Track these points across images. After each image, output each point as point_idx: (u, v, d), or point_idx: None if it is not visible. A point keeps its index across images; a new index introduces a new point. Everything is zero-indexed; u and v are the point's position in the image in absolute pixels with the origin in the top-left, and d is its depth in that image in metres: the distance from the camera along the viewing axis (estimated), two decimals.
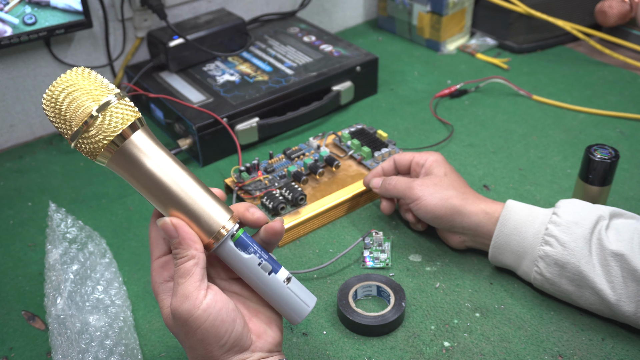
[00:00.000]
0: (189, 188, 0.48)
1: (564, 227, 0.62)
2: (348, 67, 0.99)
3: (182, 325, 0.47)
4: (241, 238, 0.50)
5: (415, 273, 0.70)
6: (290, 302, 0.51)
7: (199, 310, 0.46)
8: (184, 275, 0.47)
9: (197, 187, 0.49)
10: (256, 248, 0.50)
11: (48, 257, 0.68)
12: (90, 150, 0.46)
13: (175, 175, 0.48)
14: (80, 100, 0.44)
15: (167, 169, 0.48)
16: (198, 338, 0.47)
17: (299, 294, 0.51)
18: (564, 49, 1.18)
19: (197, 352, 0.48)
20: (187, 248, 0.47)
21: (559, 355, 0.61)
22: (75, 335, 0.59)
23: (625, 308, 0.59)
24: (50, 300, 0.64)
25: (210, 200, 0.49)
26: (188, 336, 0.47)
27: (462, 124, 0.97)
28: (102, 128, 0.45)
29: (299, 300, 0.51)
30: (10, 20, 0.85)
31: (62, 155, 0.94)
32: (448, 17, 1.15)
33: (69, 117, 0.45)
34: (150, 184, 0.47)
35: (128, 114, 0.46)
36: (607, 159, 0.70)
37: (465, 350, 0.61)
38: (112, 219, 0.80)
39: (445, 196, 0.68)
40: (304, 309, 0.51)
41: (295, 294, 0.51)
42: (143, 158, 0.47)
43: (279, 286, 0.50)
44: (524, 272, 0.66)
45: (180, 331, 0.48)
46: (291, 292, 0.51)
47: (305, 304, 0.52)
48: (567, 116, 0.98)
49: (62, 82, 0.45)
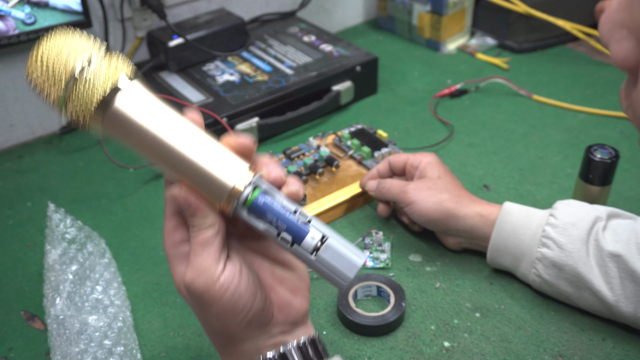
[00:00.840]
0: (193, 147, 0.42)
1: (561, 229, 0.62)
2: (348, 67, 0.99)
3: (196, 299, 0.43)
4: (255, 203, 0.42)
5: (415, 273, 0.70)
6: (324, 271, 0.43)
7: (216, 286, 0.42)
8: (202, 246, 0.43)
9: (203, 145, 0.42)
10: (276, 211, 0.42)
11: (47, 258, 0.68)
12: (82, 111, 0.42)
13: (176, 132, 0.42)
14: (66, 56, 0.41)
15: (166, 125, 0.42)
16: (213, 313, 0.43)
17: (334, 261, 0.43)
18: (564, 49, 1.18)
19: (212, 326, 0.45)
20: (204, 217, 0.43)
21: (559, 356, 0.60)
22: (74, 335, 0.59)
23: (624, 309, 0.59)
24: (49, 300, 0.64)
25: (219, 158, 0.42)
26: (203, 310, 0.44)
27: (462, 124, 0.97)
28: (93, 83, 0.41)
29: (335, 268, 0.43)
30: (16, 16, 0.85)
31: (62, 156, 0.94)
32: (448, 17, 1.15)
33: (56, 76, 0.42)
34: (151, 144, 0.42)
35: (119, 66, 0.42)
36: (607, 158, 0.69)
37: (466, 351, 0.61)
38: (112, 219, 0.80)
39: (439, 200, 0.68)
40: (343, 275, 0.43)
41: (328, 263, 0.42)
42: (139, 115, 0.41)
43: (306, 259, 0.43)
44: (523, 274, 0.66)
45: (195, 304, 0.44)
46: (321, 265, 0.43)
47: (346, 268, 0.43)
48: (567, 116, 0.98)
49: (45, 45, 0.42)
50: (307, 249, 0.42)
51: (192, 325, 0.65)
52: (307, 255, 0.42)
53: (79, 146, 0.95)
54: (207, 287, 0.42)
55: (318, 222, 0.43)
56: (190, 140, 0.42)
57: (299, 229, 0.42)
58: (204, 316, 0.45)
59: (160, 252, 0.75)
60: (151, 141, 0.41)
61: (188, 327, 0.65)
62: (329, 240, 0.42)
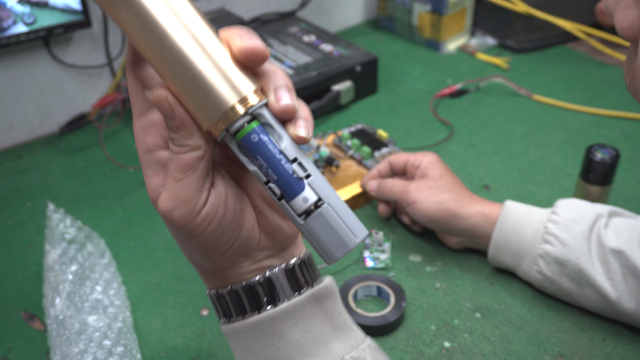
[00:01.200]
0: (195, 44, 0.33)
1: (563, 225, 0.62)
2: (348, 66, 0.99)
3: (173, 229, 0.38)
4: (247, 139, 0.35)
5: (416, 273, 0.70)
6: (310, 240, 0.36)
7: (197, 220, 0.36)
8: (183, 170, 0.35)
9: (207, 45, 0.34)
10: (269, 156, 0.35)
11: (47, 258, 0.68)
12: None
13: (180, 19, 0.33)
14: None
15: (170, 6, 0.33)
16: (192, 245, 0.38)
17: (324, 233, 0.36)
18: (565, 49, 1.18)
19: (191, 255, 0.40)
20: (189, 136, 0.35)
21: (559, 356, 0.60)
22: (74, 335, 0.59)
23: (626, 305, 0.59)
24: (49, 300, 0.64)
25: (222, 67, 0.34)
26: (180, 239, 0.39)
27: (462, 124, 0.96)
28: None
29: (323, 241, 0.36)
30: (13, 9, 0.85)
31: (61, 156, 0.93)
32: (448, 16, 1.15)
33: None
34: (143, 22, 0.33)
35: None
36: (607, 159, 0.69)
37: (466, 351, 0.61)
38: (112, 219, 0.80)
39: (440, 199, 0.68)
40: (330, 252, 0.36)
41: (316, 234, 0.36)
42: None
43: (293, 219, 0.36)
44: (524, 272, 0.66)
45: (171, 230, 0.38)
46: (308, 233, 0.36)
47: (335, 245, 0.36)
48: (567, 116, 0.98)
49: None
50: (296, 210, 0.36)
51: (192, 325, 0.65)
52: (295, 216, 0.36)
53: (78, 146, 0.95)
54: (186, 220, 0.36)
55: (320, 181, 0.36)
56: (193, 34, 0.33)
57: (291, 185, 0.35)
58: (182, 244, 0.39)
59: (160, 252, 0.75)
60: (144, 18, 0.33)
61: (188, 327, 0.65)
62: (324, 207, 0.35)
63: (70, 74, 0.98)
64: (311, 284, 0.41)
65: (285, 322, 0.40)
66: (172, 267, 0.72)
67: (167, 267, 0.72)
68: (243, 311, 0.41)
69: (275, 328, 0.40)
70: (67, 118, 1.00)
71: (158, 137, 0.37)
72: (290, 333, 0.40)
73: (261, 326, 0.40)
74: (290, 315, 0.40)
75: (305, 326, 0.40)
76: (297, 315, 0.40)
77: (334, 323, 0.42)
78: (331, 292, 0.42)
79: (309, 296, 0.41)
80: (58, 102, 0.98)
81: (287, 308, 0.40)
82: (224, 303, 0.41)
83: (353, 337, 0.42)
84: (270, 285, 0.40)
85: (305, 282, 0.41)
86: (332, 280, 0.43)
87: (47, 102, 0.98)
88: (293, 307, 0.40)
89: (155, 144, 0.37)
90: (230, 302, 0.41)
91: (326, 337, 0.41)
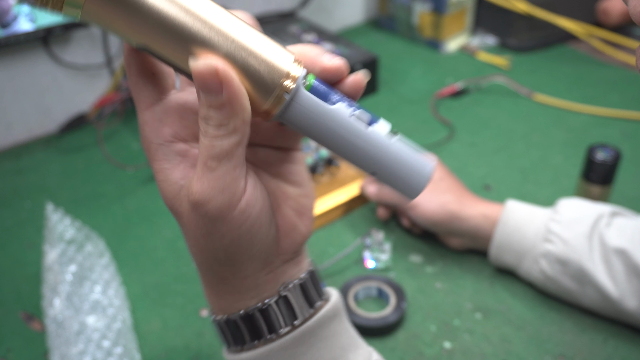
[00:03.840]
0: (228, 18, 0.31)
1: (565, 225, 0.62)
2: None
3: (205, 224, 0.33)
4: (316, 84, 0.33)
5: (416, 273, 0.70)
6: (404, 162, 0.34)
7: (236, 211, 0.33)
8: (219, 157, 0.31)
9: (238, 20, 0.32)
10: (340, 94, 0.34)
11: (46, 258, 0.67)
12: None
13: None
14: None
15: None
16: (224, 243, 0.34)
17: (412, 152, 0.34)
18: (566, 49, 1.18)
19: (214, 255, 0.35)
20: (233, 115, 0.31)
21: (560, 356, 0.60)
22: (73, 336, 0.59)
23: (628, 304, 0.59)
24: (47, 301, 0.64)
25: (261, 36, 0.32)
26: (208, 236, 0.34)
27: (463, 124, 0.96)
28: None
29: (415, 158, 0.34)
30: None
31: (60, 155, 0.93)
32: (449, 16, 1.14)
33: None
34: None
35: None
36: (608, 159, 0.69)
37: (466, 351, 0.61)
38: (111, 219, 0.80)
39: (442, 202, 0.68)
40: (423, 172, 0.34)
41: (402, 158, 0.34)
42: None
43: (385, 142, 0.33)
44: (526, 271, 0.65)
45: (197, 227, 0.34)
46: (403, 148, 0.34)
47: (423, 164, 0.34)
48: (568, 116, 0.98)
49: None
50: (385, 131, 0.33)
51: (191, 325, 0.65)
52: (385, 139, 0.33)
53: (77, 146, 0.95)
54: (223, 213, 0.32)
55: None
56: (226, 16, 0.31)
57: (371, 114, 0.34)
58: (207, 243, 0.34)
59: (159, 253, 0.74)
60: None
61: (187, 328, 0.64)
62: (399, 135, 0.34)
63: (69, 73, 0.98)
64: (320, 296, 0.40)
65: (298, 349, 0.38)
66: (172, 268, 0.72)
67: (166, 267, 0.72)
68: (258, 335, 0.38)
69: (287, 357, 0.38)
70: (66, 118, 0.99)
71: (176, 127, 0.34)
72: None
73: (273, 356, 0.38)
74: (303, 341, 0.38)
75: (317, 350, 0.38)
76: (309, 341, 0.38)
77: (342, 344, 0.40)
78: (339, 311, 0.40)
79: (320, 318, 0.38)
80: (57, 102, 0.98)
81: (300, 334, 0.38)
82: (234, 328, 0.38)
83: (361, 354, 0.41)
84: (286, 304, 0.38)
85: (317, 294, 0.40)
86: (339, 297, 0.41)
87: (46, 102, 0.97)
88: (306, 332, 0.38)
89: (173, 134, 0.34)
90: (245, 326, 0.38)
91: (337, 358, 0.39)
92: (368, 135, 0.33)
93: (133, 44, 0.31)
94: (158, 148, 0.34)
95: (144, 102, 0.34)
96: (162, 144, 0.34)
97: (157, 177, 0.35)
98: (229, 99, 0.30)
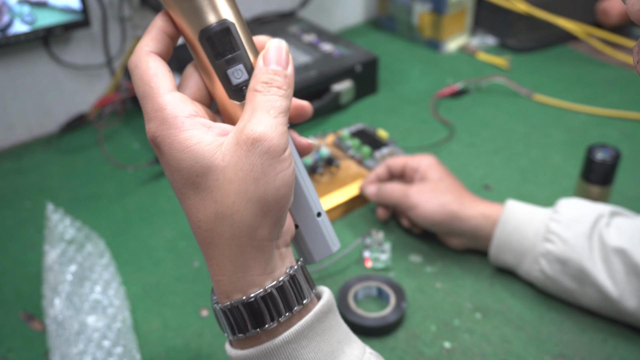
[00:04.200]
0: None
1: (565, 224, 0.62)
2: (348, 66, 0.99)
3: (263, 162, 0.37)
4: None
5: (416, 273, 0.70)
6: (311, 236, 0.44)
7: (286, 154, 0.38)
8: (280, 110, 0.38)
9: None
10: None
11: (46, 258, 0.68)
12: None
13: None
14: None
15: None
16: (276, 184, 0.37)
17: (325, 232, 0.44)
18: (565, 49, 1.18)
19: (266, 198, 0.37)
20: (289, 86, 0.39)
21: (560, 356, 0.60)
22: (73, 336, 0.59)
23: (628, 303, 0.59)
24: (48, 301, 0.64)
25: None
26: (263, 179, 0.37)
27: (462, 124, 0.96)
28: None
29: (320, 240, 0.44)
30: (13, 10, 0.85)
31: (61, 155, 0.93)
32: (448, 16, 1.15)
33: None
34: None
35: None
36: (608, 159, 0.69)
37: (466, 351, 0.61)
38: (111, 219, 0.80)
39: (442, 202, 0.68)
40: (329, 247, 0.44)
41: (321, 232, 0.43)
42: None
43: (311, 218, 0.43)
44: (526, 271, 0.66)
45: (252, 171, 0.37)
46: (314, 229, 0.43)
47: (333, 243, 0.44)
48: (568, 116, 0.98)
49: None
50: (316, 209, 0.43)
51: (191, 325, 0.65)
52: (314, 214, 0.43)
53: (78, 146, 0.95)
54: (281, 150, 0.37)
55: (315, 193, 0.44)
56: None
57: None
58: (259, 186, 0.37)
59: (159, 252, 0.74)
60: None
61: (187, 328, 0.64)
62: (324, 215, 0.44)
63: (69, 74, 0.98)
64: (313, 287, 0.42)
65: (299, 342, 0.39)
66: (172, 268, 0.72)
67: (166, 267, 0.72)
68: (275, 315, 0.39)
69: (290, 350, 0.39)
70: (67, 118, 0.99)
71: (195, 106, 0.39)
72: (304, 354, 0.39)
73: (277, 350, 0.39)
74: (303, 335, 0.39)
75: (317, 344, 0.40)
76: (309, 334, 0.40)
77: (338, 337, 0.41)
78: (333, 306, 0.42)
79: (318, 313, 0.40)
80: (57, 102, 0.98)
81: (301, 327, 0.39)
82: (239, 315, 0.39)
83: (355, 347, 0.42)
84: (297, 283, 0.40)
85: (313, 283, 0.42)
86: (331, 293, 0.43)
87: (47, 102, 0.97)
88: (306, 325, 0.39)
89: (195, 111, 0.38)
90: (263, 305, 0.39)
91: (335, 352, 0.40)
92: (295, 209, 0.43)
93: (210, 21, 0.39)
94: (185, 120, 0.37)
95: (166, 87, 0.38)
96: (188, 117, 0.38)
97: (187, 144, 0.37)
98: (291, 74, 0.39)
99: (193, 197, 0.38)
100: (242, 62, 0.39)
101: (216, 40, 0.39)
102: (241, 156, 0.37)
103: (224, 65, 0.39)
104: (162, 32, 0.40)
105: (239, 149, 0.37)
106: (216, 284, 0.40)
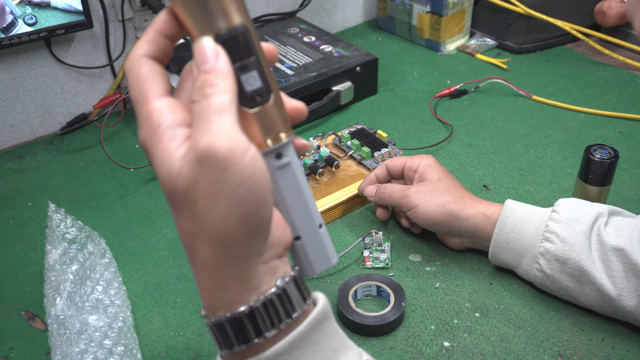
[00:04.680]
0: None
1: (564, 224, 0.63)
2: (348, 67, 0.99)
3: (217, 178, 0.34)
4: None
5: (415, 273, 0.70)
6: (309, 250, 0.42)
7: (244, 160, 0.34)
8: (219, 111, 0.34)
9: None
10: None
11: (48, 258, 0.68)
12: None
13: None
14: None
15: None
16: (236, 199, 0.35)
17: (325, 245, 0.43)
18: (564, 49, 1.18)
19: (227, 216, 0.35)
20: (222, 77, 0.35)
21: (558, 355, 0.61)
22: (74, 335, 0.59)
23: (626, 303, 0.59)
24: (49, 300, 0.64)
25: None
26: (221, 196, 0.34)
27: (461, 124, 0.97)
28: None
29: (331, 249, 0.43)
30: (14, 9, 0.85)
31: (62, 156, 0.94)
32: (448, 17, 1.15)
33: None
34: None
35: None
36: (606, 159, 0.70)
37: (465, 350, 0.61)
38: (112, 219, 0.80)
39: (441, 202, 0.68)
40: (329, 260, 0.43)
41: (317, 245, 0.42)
42: None
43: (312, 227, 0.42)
44: (525, 270, 0.66)
45: (209, 189, 0.34)
46: (315, 242, 0.42)
47: (332, 256, 0.43)
48: (566, 116, 0.98)
49: None
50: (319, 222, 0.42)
51: (192, 324, 0.65)
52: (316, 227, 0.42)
53: (79, 146, 0.95)
54: (232, 157, 0.34)
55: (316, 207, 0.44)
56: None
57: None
58: (219, 206, 0.35)
59: (160, 252, 0.75)
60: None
61: (188, 327, 0.65)
62: (323, 227, 0.43)
63: (71, 74, 0.98)
64: (307, 297, 0.40)
65: (293, 353, 0.38)
66: (173, 267, 0.73)
67: (167, 266, 0.73)
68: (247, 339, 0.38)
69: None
70: (68, 118, 1.00)
71: (184, 115, 0.37)
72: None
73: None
74: (297, 346, 0.38)
75: (311, 354, 0.39)
76: (303, 345, 0.39)
77: (334, 345, 0.40)
78: (328, 313, 0.41)
79: (312, 322, 0.39)
80: (59, 103, 0.99)
81: (294, 339, 0.38)
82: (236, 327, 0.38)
83: (352, 355, 0.41)
84: (286, 296, 0.38)
85: (307, 293, 0.40)
86: (326, 299, 0.41)
87: (48, 103, 0.98)
88: (299, 336, 0.38)
89: (182, 119, 0.37)
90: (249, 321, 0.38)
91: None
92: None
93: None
94: (166, 130, 0.36)
95: (155, 93, 0.37)
96: (171, 126, 0.36)
97: (159, 158, 0.36)
98: (223, 63, 0.36)
99: (173, 212, 0.38)
100: (256, 69, 0.37)
101: (233, 44, 0.37)
102: (197, 174, 0.34)
103: (238, 71, 0.37)
104: (159, 33, 0.38)
105: (196, 167, 0.34)
106: (202, 300, 0.39)
